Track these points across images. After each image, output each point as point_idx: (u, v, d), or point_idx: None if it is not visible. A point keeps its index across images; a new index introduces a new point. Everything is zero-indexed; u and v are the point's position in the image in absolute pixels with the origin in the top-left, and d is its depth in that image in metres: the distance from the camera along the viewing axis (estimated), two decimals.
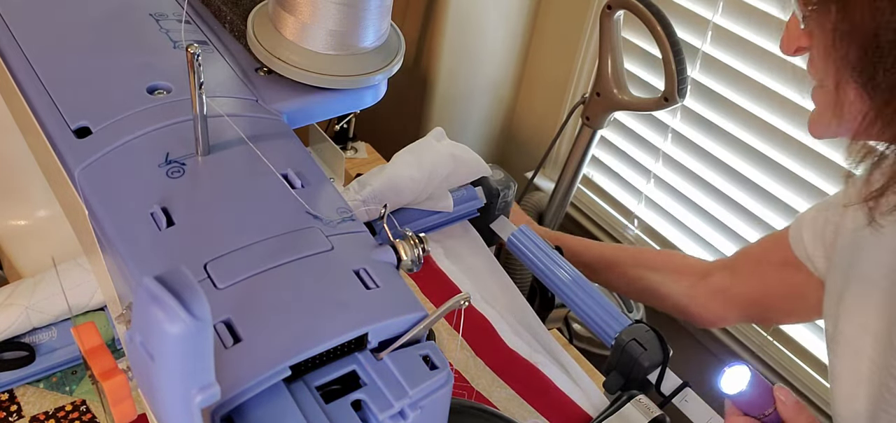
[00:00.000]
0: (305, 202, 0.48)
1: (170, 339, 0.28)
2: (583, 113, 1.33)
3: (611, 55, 1.24)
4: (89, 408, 0.73)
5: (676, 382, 0.84)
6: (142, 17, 0.62)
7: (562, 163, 1.43)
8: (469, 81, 1.64)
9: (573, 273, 0.90)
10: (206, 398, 0.31)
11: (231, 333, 0.39)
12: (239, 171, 0.50)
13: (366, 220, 0.89)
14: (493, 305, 0.92)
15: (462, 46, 1.57)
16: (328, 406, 0.39)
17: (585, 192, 1.67)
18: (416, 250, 0.47)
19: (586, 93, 1.32)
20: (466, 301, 0.44)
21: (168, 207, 0.46)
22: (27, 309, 0.72)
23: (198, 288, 0.29)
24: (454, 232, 1.01)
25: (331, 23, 0.57)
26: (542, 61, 1.68)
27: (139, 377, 0.35)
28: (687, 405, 0.81)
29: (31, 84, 0.54)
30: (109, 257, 0.47)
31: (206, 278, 0.42)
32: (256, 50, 0.59)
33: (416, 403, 0.41)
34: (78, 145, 0.50)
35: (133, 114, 0.52)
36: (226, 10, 0.65)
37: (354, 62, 0.59)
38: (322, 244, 0.45)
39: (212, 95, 0.54)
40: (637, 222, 1.60)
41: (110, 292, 0.51)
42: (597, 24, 1.26)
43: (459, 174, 0.98)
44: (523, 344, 0.88)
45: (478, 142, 1.76)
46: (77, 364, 0.75)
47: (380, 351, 0.42)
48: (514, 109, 1.78)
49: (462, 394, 0.81)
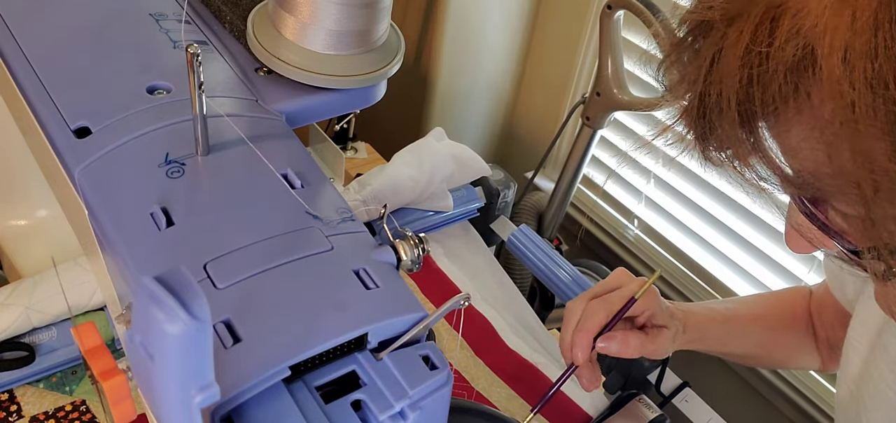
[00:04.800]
0: (305, 202, 0.48)
1: (169, 339, 0.28)
2: (583, 113, 1.33)
3: (611, 55, 1.24)
4: (89, 408, 0.73)
5: (676, 382, 0.84)
6: (142, 17, 0.62)
7: (562, 163, 1.43)
8: (469, 80, 1.64)
9: (573, 273, 0.91)
10: (206, 398, 0.31)
11: (231, 333, 0.39)
12: (239, 171, 0.50)
13: (366, 220, 0.89)
14: (493, 305, 0.92)
15: (462, 46, 1.57)
16: (328, 406, 0.39)
17: (585, 192, 1.67)
18: (416, 250, 0.47)
19: (586, 93, 1.32)
20: (466, 301, 0.44)
21: (168, 207, 0.46)
22: (27, 309, 0.72)
23: (197, 288, 0.29)
24: (454, 232, 1.01)
25: (330, 23, 0.57)
26: (542, 61, 1.67)
27: (139, 377, 0.35)
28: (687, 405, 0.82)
29: (31, 84, 0.54)
30: (109, 257, 0.47)
31: (205, 278, 0.42)
32: (256, 50, 0.59)
33: (416, 403, 0.41)
34: (78, 145, 0.50)
35: (133, 114, 0.52)
36: (226, 10, 0.65)
37: (354, 62, 0.59)
38: (322, 244, 0.45)
39: (212, 95, 0.54)
40: (637, 222, 1.60)
41: (110, 292, 0.51)
42: (597, 24, 1.26)
43: (459, 174, 0.98)
44: (523, 344, 0.88)
45: (478, 142, 1.76)
46: (77, 364, 0.75)
47: (379, 351, 0.42)
48: (514, 109, 1.78)
49: (462, 394, 0.81)
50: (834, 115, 0.33)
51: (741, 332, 0.77)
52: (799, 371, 1.35)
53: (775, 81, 0.34)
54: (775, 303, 0.80)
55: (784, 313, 0.79)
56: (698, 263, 1.49)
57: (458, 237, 1.01)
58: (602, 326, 0.64)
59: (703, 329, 0.73)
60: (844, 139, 0.33)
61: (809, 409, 1.35)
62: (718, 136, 0.38)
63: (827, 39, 0.32)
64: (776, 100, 0.35)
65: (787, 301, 0.80)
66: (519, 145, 1.80)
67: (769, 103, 0.35)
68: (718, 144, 0.38)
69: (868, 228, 0.36)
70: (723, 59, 0.35)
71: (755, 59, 0.34)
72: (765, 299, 0.82)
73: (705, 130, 0.38)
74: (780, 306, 0.80)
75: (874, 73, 0.31)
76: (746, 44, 0.34)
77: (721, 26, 0.36)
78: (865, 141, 0.32)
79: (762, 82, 0.34)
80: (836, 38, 0.32)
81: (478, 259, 0.99)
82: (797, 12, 0.33)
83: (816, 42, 0.32)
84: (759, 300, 0.83)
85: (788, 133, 0.37)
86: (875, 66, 0.31)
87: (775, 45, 0.34)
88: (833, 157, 0.35)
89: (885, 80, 0.31)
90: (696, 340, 0.72)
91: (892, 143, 0.32)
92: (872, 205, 0.34)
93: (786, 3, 0.33)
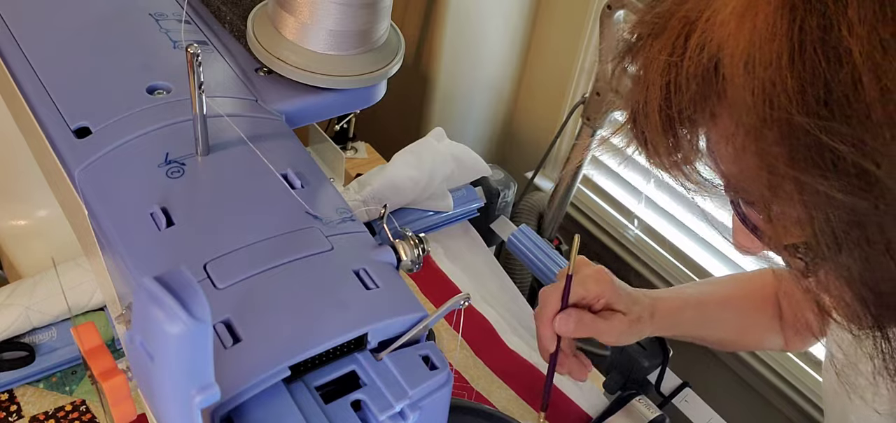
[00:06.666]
0: (305, 202, 0.48)
1: (169, 339, 0.28)
2: (583, 113, 1.33)
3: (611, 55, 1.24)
4: (89, 408, 0.73)
5: (676, 382, 0.84)
6: (142, 17, 0.62)
7: (562, 163, 1.43)
8: (469, 80, 1.64)
9: None
10: (206, 398, 0.31)
11: (231, 333, 0.39)
12: (239, 171, 0.50)
13: (366, 220, 0.89)
14: (493, 305, 0.92)
15: (462, 46, 1.57)
16: (328, 407, 0.39)
17: (585, 192, 1.67)
18: (416, 250, 0.47)
19: (586, 93, 1.32)
20: (466, 301, 0.44)
21: (168, 207, 0.46)
22: (27, 309, 0.72)
23: (197, 288, 0.29)
24: (454, 232, 1.01)
25: (330, 23, 0.57)
26: (542, 61, 1.67)
27: (139, 378, 0.35)
28: (687, 405, 0.82)
29: (31, 84, 0.54)
30: (109, 257, 0.47)
31: (205, 278, 0.42)
32: (256, 50, 0.59)
33: (416, 403, 0.41)
34: (78, 145, 0.50)
35: (133, 114, 0.52)
36: (226, 10, 0.65)
37: (354, 62, 0.59)
38: (322, 244, 0.45)
39: (212, 95, 0.54)
40: (637, 222, 1.60)
41: (110, 292, 0.51)
42: (597, 25, 1.26)
43: (459, 174, 0.98)
44: (523, 344, 0.88)
45: (478, 142, 1.76)
46: (77, 364, 0.75)
47: (379, 351, 0.42)
48: (514, 109, 1.78)
49: (462, 394, 0.81)
50: (739, 122, 0.35)
51: (715, 316, 0.78)
52: (798, 371, 1.35)
53: (689, 89, 0.36)
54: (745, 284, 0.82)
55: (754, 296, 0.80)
56: (698, 263, 1.49)
57: (458, 237, 1.01)
58: (556, 311, 0.66)
59: (676, 315, 0.74)
60: (749, 144, 0.35)
61: (809, 409, 1.35)
62: (650, 145, 0.41)
63: (729, 49, 0.34)
64: (690, 107, 0.37)
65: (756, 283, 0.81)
66: (519, 145, 1.80)
67: (685, 110, 0.37)
68: (651, 153, 0.41)
69: (774, 228, 0.38)
70: (648, 71, 0.38)
71: (672, 69, 0.37)
72: (734, 281, 0.83)
73: (640, 140, 0.41)
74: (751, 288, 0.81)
75: (771, 81, 0.32)
76: (666, 55, 0.37)
77: (648, 41, 0.39)
78: (765, 145, 0.34)
79: (678, 91, 0.37)
80: (738, 48, 0.34)
81: (478, 259, 0.99)
82: (706, 24, 0.35)
83: (721, 52, 0.35)
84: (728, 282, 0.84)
85: (709, 140, 0.39)
86: (772, 75, 0.32)
87: (687, 55, 0.36)
88: (741, 161, 0.37)
89: (779, 88, 0.32)
90: (669, 326, 0.74)
91: (788, 147, 0.33)
92: (772, 206, 0.37)
93: (700, 16, 0.36)
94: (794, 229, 0.37)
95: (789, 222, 0.37)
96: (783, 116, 0.33)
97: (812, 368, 1.34)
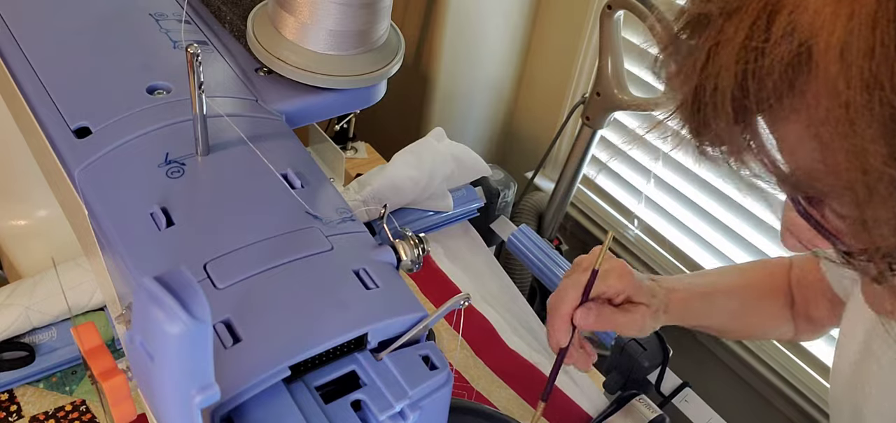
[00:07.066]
0: (305, 202, 0.48)
1: (169, 339, 0.28)
2: (583, 113, 1.33)
3: (611, 55, 1.24)
4: (89, 408, 0.73)
5: (676, 382, 0.84)
6: (142, 17, 0.62)
7: (562, 163, 1.43)
8: (469, 80, 1.64)
9: None
10: (206, 398, 0.31)
11: (231, 333, 0.39)
12: (239, 171, 0.50)
13: (366, 220, 0.89)
14: (493, 305, 0.92)
15: (462, 46, 1.57)
16: (328, 406, 0.39)
17: (585, 192, 1.67)
18: (416, 250, 0.47)
19: (586, 93, 1.32)
20: (466, 301, 0.44)
21: (168, 207, 0.46)
22: (27, 309, 0.72)
23: (197, 288, 0.29)
24: (454, 232, 1.01)
25: (330, 23, 0.57)
26: (542, 61, 1.67)
27: (139, 378, 0.35)
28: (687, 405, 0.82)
29: (31, 84, 0.54)
30: (109, 257, 0.47)
31: (205, 278, 0.42)
32: (256, 50, 0.59)
33: (416, 403, 0.41)
34: (78, 145, 0.50)
35: (133, 114, 0.52)
36: (226, 10, 0.65)
37: (354, 62, 0.59)
38: (322, 244, 0.45)
39: (212, 95, 0.54)
40: (637, 222, 1.60)
41: (110, 292, 0.51)
42: (597, 25, 1.26)
43: (459, 174, 0.98)
44: (523, 344, 0.88)
45: (478, 142, 1.76)
46: (77, 364, 0.75)
47: (379, 351, 0.42)
48: (514, 109, 1.78)
49: (462, 394, 0.81)
50: (829, 114, 0.32)
51: (720, 305, 0.77)
52: (799, 371, 1.35)
53: (771, 77, 0.34)
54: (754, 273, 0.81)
55: (763, 284, 0.80)
56: (699, 263, 1.49)
57: (458, 237, 1.01)
58: (575, 305, 0.65)
59: (685, 307, 0.73)
60: (839, 139, 0.33)
61: (809, 409, 1.35)
62: (713, 131, 0.37)
63: (824, 36, 0.31)
64: (772, 96, 0.34)
65: (766, 272, 0.81)
66: (519, 145, 1.80)
67: (764, 100, 0.34)
68: (713, 139, 0.38)
69: (860, 231, 0.35)
70: (719, 54, 0.35)
71: (751, 54, 0.34)
72: (744, 270, 0.83)
73: (700, 125, 0.38)
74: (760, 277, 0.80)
75: (871, 72, 0.30)
76: (743, 38, 0.34)
77: (719, 20, 0.35)
78: (860, 142, 0.32)
79: (758, 78, 0.34)
80: (834, 36, 0.31)
81: (478, 259, 0.99)
82: (795, 8, 0.32)
83: (813, 39, 0.32)
84: (738, 271, 0.83)
85: (784, 131, 0.36)
86: (872, 66, 0.30)
87: (771, 41, 0.33)
88: (827, 157, 0.34)
89: (881, 80, 0.30)
90: (679, 317, 0.73)
91: (887, 145, 0.31)
92: (866, 208, 0.34)
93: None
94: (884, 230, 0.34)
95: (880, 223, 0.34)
96: (886, 110, 0.30)
97: (812, 368, 1.34)
